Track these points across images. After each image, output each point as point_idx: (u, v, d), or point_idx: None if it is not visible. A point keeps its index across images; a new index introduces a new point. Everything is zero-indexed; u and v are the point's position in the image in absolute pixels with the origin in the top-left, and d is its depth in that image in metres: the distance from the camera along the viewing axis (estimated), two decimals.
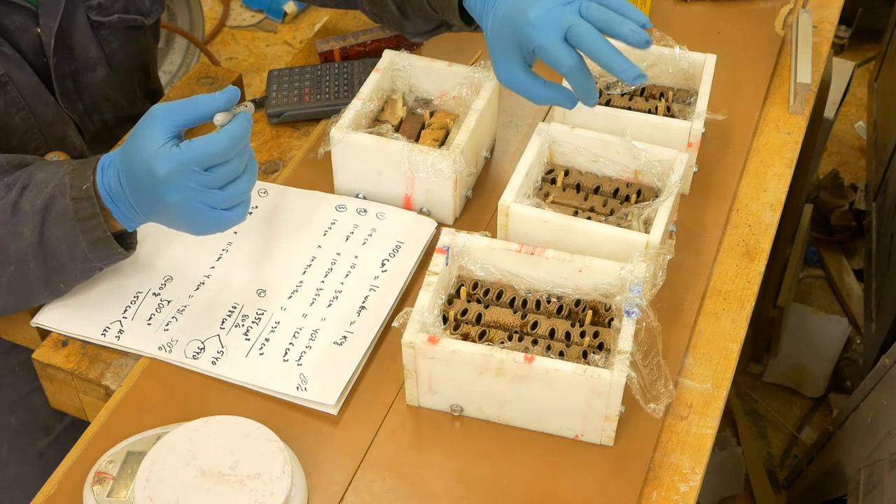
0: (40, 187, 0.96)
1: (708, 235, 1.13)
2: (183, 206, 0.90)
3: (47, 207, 0.94)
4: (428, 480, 0.91)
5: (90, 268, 0.99)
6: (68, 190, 0.94)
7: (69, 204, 0.94)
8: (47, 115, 1.19)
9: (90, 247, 0.95)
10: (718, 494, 1.92)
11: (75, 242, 0.95)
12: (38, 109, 1.17)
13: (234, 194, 0.91)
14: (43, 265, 0.97)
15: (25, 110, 1.16)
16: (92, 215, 0.94)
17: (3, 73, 1.12)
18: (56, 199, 0.94)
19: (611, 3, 0.96)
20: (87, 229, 0.94)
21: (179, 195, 0.89)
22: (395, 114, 1.17)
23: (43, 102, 1.18)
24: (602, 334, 0.95)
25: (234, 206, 0.92)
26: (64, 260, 0.97)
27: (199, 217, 0.91)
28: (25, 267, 0.97)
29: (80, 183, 0.94)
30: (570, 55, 0.94)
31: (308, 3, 1.43)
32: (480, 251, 0.99)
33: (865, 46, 2.85)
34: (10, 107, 1.14)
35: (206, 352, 0.99)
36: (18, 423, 1.18)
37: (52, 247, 0.96)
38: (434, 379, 0.93)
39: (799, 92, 1.27)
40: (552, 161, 1.11)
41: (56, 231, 0.95)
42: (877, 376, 1.44)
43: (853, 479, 1.43)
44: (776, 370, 2.11)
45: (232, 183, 0.91)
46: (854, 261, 2.34)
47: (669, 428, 0.96)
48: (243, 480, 0.84)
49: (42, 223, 0.95)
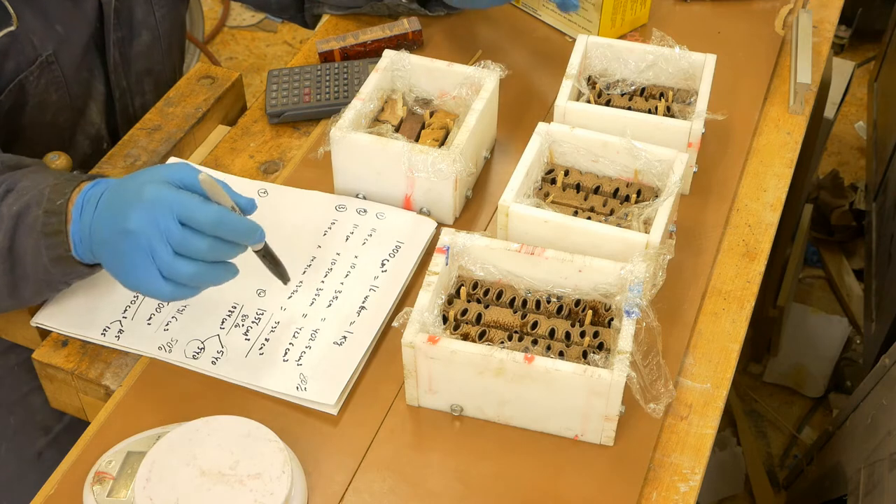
0: (20, 193, 0.95)
1: (708, 235, 1.13)
2: (133, 239, 0.86)
3: (20, 215, 0.94)
4: (428, 480, 0.91)
5: (54, 281, 0.97)
6: (44, 202, 0.93)
7: (40, 215, 0.92)
8: (78, 90, 1.22)
9: (51, 262, 0.94)
10: (718, 494, 1.92)
11: (38, 255, 0.94)
12: (73, 87, 1.20)
13: (180, 269, 0.86)
14: (10, 272, 0.96)
15: (63, 89, 1.19)
16: (57, 231, 0.92)
17: (52, 53, 1.15)
18: (30, 209, 0.93)
19: None
20: (51, 245, 0.93)
21: (139, 224, 0.85)
22: (395, 114, 1.17)
23: (78, 78, 1.21)
24: (602, 334, 0.95)
25: (172, 280, 0.87)
26: (28, 270, 0.95)
27: (137, 261, 0.86)
28: None
29: (57, 197, 0.93)
30: None
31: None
32: (480, 251, 0.99)
33: (865, 46, 2.85)
34: (51, 85, 1.17)
35: (206, 352, 0.99)
36: (17, 422, 1.18)
37: (19, 255, 0.95)
38: (434, 379, 0.93)
39: (799, 92, 1.27)
40: (552, 161, 1.11)
41: (25, 240, 0.94)
42: (877, 376, 1.44)
43: (853, 479, 1.43)
44: (776, 370, 2.11)
45: (187, 259, 0.86)
46: (854, 261, 2.34)
47: (669, 428, 0.96)
48: (243, 480, 0.84)
49: (13, 230, 0.94)
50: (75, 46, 1.19)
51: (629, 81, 1.19)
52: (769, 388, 2.11)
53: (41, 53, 1.15)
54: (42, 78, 1.16)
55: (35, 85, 1.16)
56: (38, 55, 1.14)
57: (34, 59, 1.14)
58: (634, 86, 1.19)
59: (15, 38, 1.12)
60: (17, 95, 1.15)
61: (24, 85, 1.15)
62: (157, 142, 1.22)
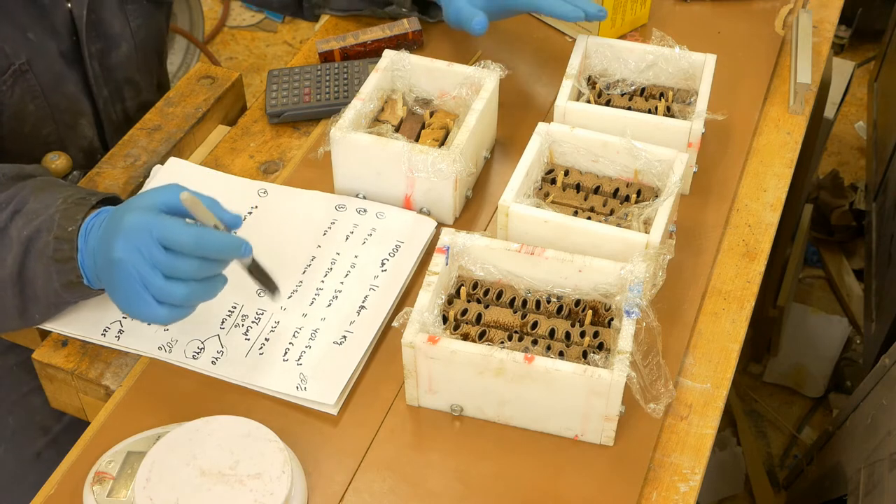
0: (30, 217, 0.95)
1: (708, 235, 1.13)
2: (121, 268, 0.86)
3: (31, 240, 0.94)
4: (428, 480, 0.91)
5: (63, 303, 0.98)
6: (55, 228, 0.93)
7: (51, 242, 0.93)
8: (62, 104, 1.20)
9: (62, 287, 0.94)
10: (718, 494, 1.92)
11: (49, 280, 0.94)
12: (53, 98, 1.19)
13: (171, 291, 0.86)
14: (20, 294, 0.96)
15: (41, 98, 1.17)
16: (68, 258, 0.93)
17: (25, 62, 1.14)
18: (41, 234, 0.93)
19: None
20: (62, 271, 0.93)
21: (125, 253, 0.86)
22: (395, 114, 1.17)
23: (60, 90, 1.19)
24: (602, 334, 0.95)
25: (165, 304, 0.87)
26: (39, 293, 0.96)
27: (130, 289, 0.87)
28: (3, 293, 0.96)
29: (67, 224, 0.93)
30: None
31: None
32: (480, 251, 0.99)
33: (865, 46, 2.85)
34: (27, 94, 1.16)
35: (206, 352, 0.99)
36: (16, 423, 1.18)
37: (29, 279, 0.95)
38: (434, 379, 0.93)
39: (799, 92, 1.27)
40: (552, 161, 1.11)
41: (35, 265, 0.94)
42: (877, 376, 1.44)
43: (853, 479, 1.43)
44: (776, 370, 2.11)
45: (177, 280, 0.86)
46: (854, 261, 2.34)
47: (669, 428, 0.96)
48: (243, 480, 0.84)
49: (24, 254, 0.94)
50: (50, 56, 1.17)
51: (629, 81, 1.19)
52: (769, 388, 2.11)
53: (14, 62, 1.13)
54: (16, 87, 1.15)
55: (9, 94, 1.14)
56: (10, 63, 1.13)
57: (7, 67, 1.13)
58: (634, 86, 1.19)
59: None
60: None
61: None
62: (157, 142, 1.22)
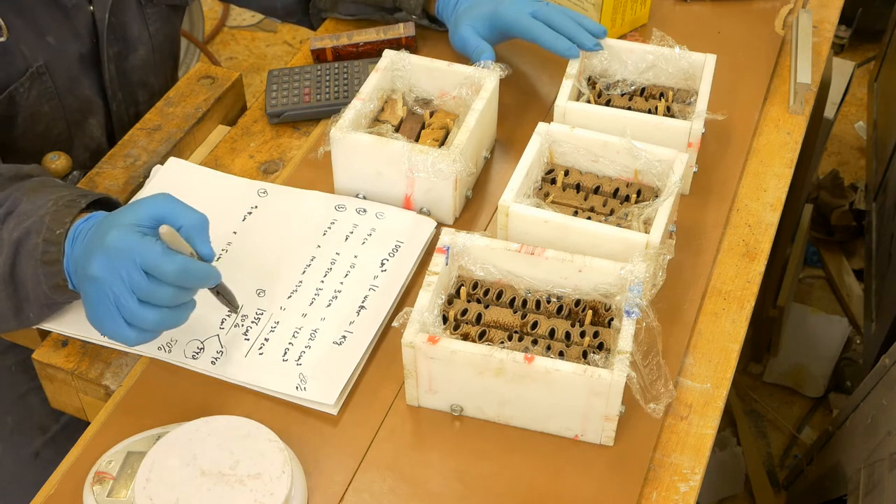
0: (21, 219, 0.95)
1: (708, 235, 1.13)
2: (97, 286, 0.86)
3: (21, 241, 0.94)
4: (428, 480, 0.91)
5: (55, 304, 0.98)
6: (43, 230, 0.93)
7: (39, 244, 0.93)
8: (75, 105, 1.23)
9: (50, 289, 0.94)
10: (718, 494, 1.92)
11: (38, 282, 0.94)
12: (67, 99, 1.21)
13: (143, 316, 0.86)
14: (14, 295, 0.96)
15: (56, 100, 1.19)
16: (55, 261, 0.93)
17: (42, 65, 1.16)
18: (31, 236, 0.93)
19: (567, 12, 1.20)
20: (49, 273, 0.93)
21: (103, 272, 0.86)
22: (395, 114, 1.17)
23: (75, 93, 1.22)
24: (602, 334, 0.95)
25: (135, 326, 0.87)
26: (30, 295, 0.96)
27: (102, 307, 0.87)
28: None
29: (56, 226, 0.93)
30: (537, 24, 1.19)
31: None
32: (480, 251, 0.99)
33: (865, 46, 2.85)
34: (42, 96, 1.18)
35: (206, 352, 0.99)
36: (14, 422, 1.18)
37: (21, 280, 0.95)
38: (434, 379, 0.93)
39: (799, 92, 1.27)
40: (552, 161, 1.11)
41: (25, 266, 0.94)
42: (877, 376, 1.44)
43: (853, 479, 1.43)
44: (776, 370, 2.11)
45: (151, 306, 0.87)
46: (854, 261, 2.34)
47: (669, 428, 0.96)
48: (243, 480, 0.84)
49: (14, 255, 0.94)
50: (68, 59, 1.19)
51: (629, 81, 1.19)
52: (769, 388, 2.11)
53: (32, 64, 1.15)
54: (33, 89, 1.16)
55: (26, 96, 1.16)
56: (28, 66, 1.15)
57: (24, 69, 1.14)
58: (634, 86, 1.19)
59: (5, 48, 1.12)
60: (7, 106, 1.15)
61: (14, 96, 1.15)
62: (157, 142, 1.22)
